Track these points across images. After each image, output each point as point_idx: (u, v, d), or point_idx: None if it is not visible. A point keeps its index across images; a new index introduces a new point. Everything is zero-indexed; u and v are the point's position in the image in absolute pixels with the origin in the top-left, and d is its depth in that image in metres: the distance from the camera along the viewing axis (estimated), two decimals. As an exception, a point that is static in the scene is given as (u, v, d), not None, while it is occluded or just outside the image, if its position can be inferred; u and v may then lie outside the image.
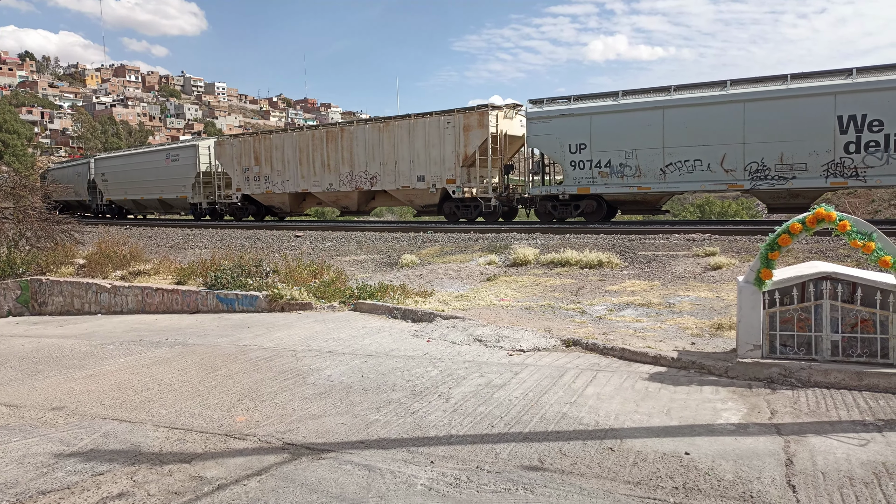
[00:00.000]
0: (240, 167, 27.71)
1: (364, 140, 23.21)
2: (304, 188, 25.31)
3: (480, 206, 20.77)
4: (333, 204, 25.52)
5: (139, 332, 9.15)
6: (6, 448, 4.49)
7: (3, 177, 20.78)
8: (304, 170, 25.21)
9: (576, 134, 18.46)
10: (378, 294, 9.78)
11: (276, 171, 26.26)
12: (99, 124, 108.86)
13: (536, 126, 19.20)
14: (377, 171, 23.02)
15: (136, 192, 34.47)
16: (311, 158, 24.91)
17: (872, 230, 4.94)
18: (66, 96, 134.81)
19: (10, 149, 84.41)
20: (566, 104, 18.90)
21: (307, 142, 25.04)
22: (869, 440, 3.96)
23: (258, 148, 26.91)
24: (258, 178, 27.09)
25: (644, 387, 5.22)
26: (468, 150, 20.69)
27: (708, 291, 9.41)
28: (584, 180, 18.47)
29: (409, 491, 3.53)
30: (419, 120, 21.83)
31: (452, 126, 20.95)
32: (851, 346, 5.10)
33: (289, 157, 25.74)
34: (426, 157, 21.65)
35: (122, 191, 35.46)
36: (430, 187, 21.68)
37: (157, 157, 32.97)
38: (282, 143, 26.02)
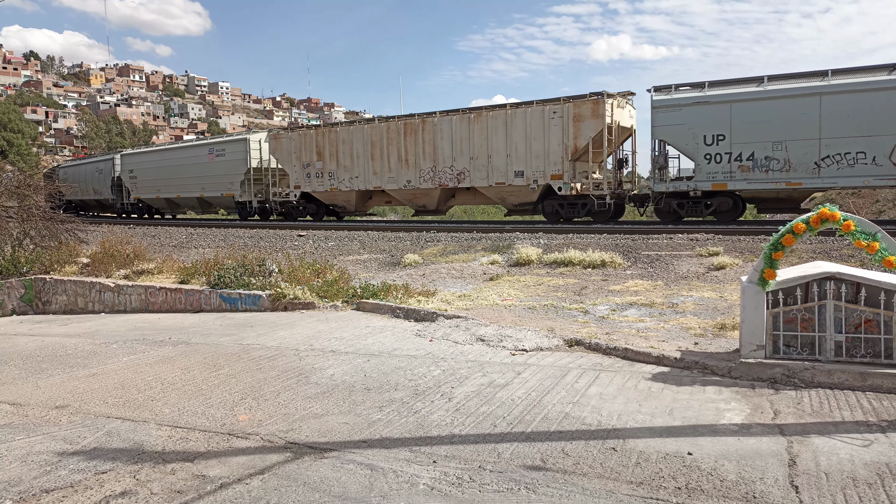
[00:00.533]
0: (299, 163, 25.40)
1: (450, 132, 21.14)
2: (377, 185, 23.21)
3: (591, 204, 18.98)
4: (409, 202, 23.51)
5: (142, 330, 9.17)
6: (10, 446, 4.51)
7: (7, 176, 20.84)
8: (376, 165, 23.08)
9: (712, 123, 16.69)
10: (381, 293, 9.79)
11: (343, 167, 24.06)
12: (103, 124, 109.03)
13: (664, 115, 17.32)
14: (465, 167, 20.96)
15: (170, 190, 32.19)
16: (386, 153, 22.76)
17: (877, 230, 4.92)
18: (70, 96, 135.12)
19: (15, 148, 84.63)
20: (699, 91, 17.22)
21: (381, 135, 22.89)
22: (872, 441, 3.95)
23: (321, 142, 24.68)
24: (321, 174, 24.81)
25: (647, 387, 5.22)
26: (578, 142, 18.80)
27: (711, 291, 9.39)
28: (720, 175, 16.72)
29: (412, 490, 3.53)
30: (518, 110, 19.89)
31: (560, 116, 18.98)
32: (855, 347, 5.08)
33: (358, 152, 23.55)
34: (526, 150, 19.67)
35: (153, 189, 33.25)
36: (531, 184, 19.72)
37: (199, 153, 30.58)
38: (350, 136, 23.83)
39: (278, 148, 26.41)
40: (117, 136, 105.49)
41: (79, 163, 44.27)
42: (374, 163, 23.22)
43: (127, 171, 34.92)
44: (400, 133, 22.47)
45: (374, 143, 23.15)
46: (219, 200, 30.42)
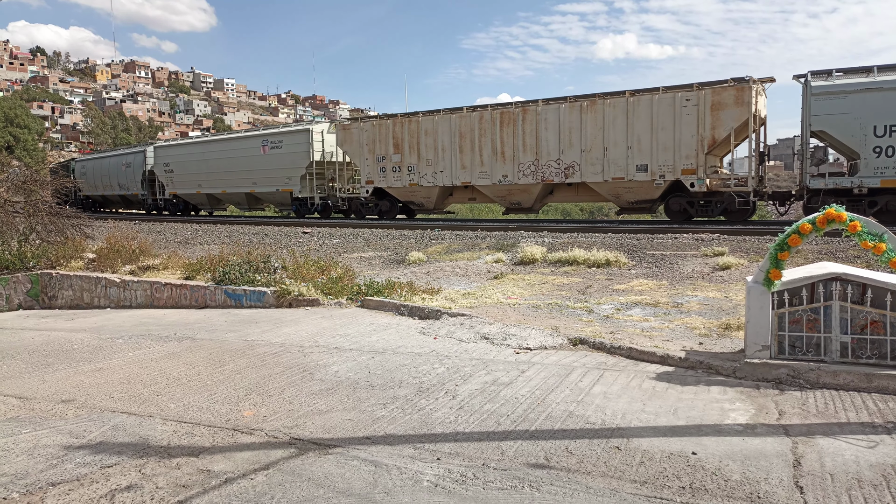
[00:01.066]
0: (372, 156, 23.16)
1: (557, 122, 19.06)
2: (465, 181, 21.04)
3: (729, 202, 17.08)
4: (500, 199, 21.22)
5: (148, 326, 9.20)
6: (17, 439, 4.53)
7: (14, 171, 20.91)
8: (465, 159, 20.90)
9: (886, 113, 14.87)
10: (385, 291, 9.80)
11: (426, 161, 21.82)
12: (109, 119, 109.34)
13: (824, 103, 15.44)
14: (575, 160, 18.90)
15: (214, 185, 29.61)
16: (477, 145, 20.59)
17: (883, 231, 4.91)
18: (76, 91, 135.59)
19: (21, 143, 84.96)
20: (866, 76, 15.40)
21: (471, 125, 20.68)
22: (878, 442, 3.94)
23: (400, 133, 22.38)
24: (398, 168, 22.54)
25: (651, 386, 5.21)
26: (717, 133, 16.82)
27: (716, 291, 9.37)
28: (890, 170, 14.95)
29: (416, 487, 3.54)
30: (642, 97, 17.86)
31: (694, 104, 17.04)
32: (861, 348, 5.07)
33: (444, 144, 21.32)
34: (652, 142, 17.69)
35: (193, 184, 30.59)
36: (656, 179, 17.78)
37: (250, 145, 27.83)
38: (434, 127, 21.50)
39: (347, 139, 24.05)
40: (123, 133, 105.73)
41: (99, 156, 40.89)
42: (463, 156, 21.02)
43: (162, 164, 32.25)
44: (495, 123, 20.22)
45: (462, 135, 20.95)
46: (273, 197, 27.71)
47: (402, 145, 22.51)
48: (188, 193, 31.43)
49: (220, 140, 30.96)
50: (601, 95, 18.67)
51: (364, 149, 23.52)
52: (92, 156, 43.21)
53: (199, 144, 31.41)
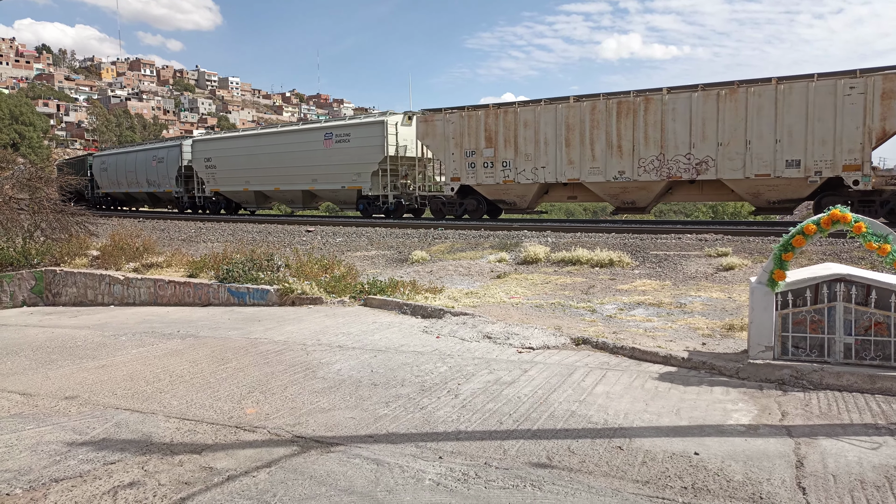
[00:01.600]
0: (459, 150, 20.98)
1: (687, 113, 17.24)
2: (572, 177, 19.09)
3: None
4: (612, 198, 19.28)
5: (151, 323, 9.22)
6: (20, 436, 4.55)
7: (19, 168, 20.98)
8: (572, 153, 18.95)
9: None
10: (388, 290, 9.80)
11: (525, 156, 19.79)
12: (114, 117, 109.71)
13: None
14: (709, 155, 17.02)
15: (265, 181, 27.30)
16: (588, 138, 18.65)
17: (888, 232, 4.89)
18: (81, 89, 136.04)
19: (27, 141, 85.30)
20: None
21: (580, 117, 18.73)
22: (881, 444, 3.93)
23: (493, 125, 20.24)
24: (490, 163, 20.40)
25: (654, 386, 5.21)
26: (889, 124, 14.96)
27: (720, 292, 9.35)
28: None
29: (418, 486, 3.54)
30: (795, 84, 16.03)
31: (860, 91, 15.15)
32: (865, 349, 5.05)
33: (547, 137, 19.32)
34: (806, 134, 15.89)
35: (240, 180, 28.27)
36: (810, 176, 16.03)
37: (311, 138, 25.47)
38: (535, 118, 19.48)
39: (430, 132, 21.77)
40: (128, 130, 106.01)
41: (123, 150, 38.05)
42: (570, 150, 18.98)
43: (202, 159, 29.79)
44: (611, 114, 18.31)
45: (570, 127, 18.92)
46: (335, 195, 25.43)
47: (495, 138, 20.30)
48: (233, 191, 29.04)
49: (275, 133, 28.03)
50: (742, 83, 16.89)
51: (450, 142, 21.22)
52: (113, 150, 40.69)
53: (249, 138, 28.72)
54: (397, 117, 23.30)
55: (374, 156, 23.14)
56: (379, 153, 22.97)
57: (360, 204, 24.42)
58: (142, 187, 34.17)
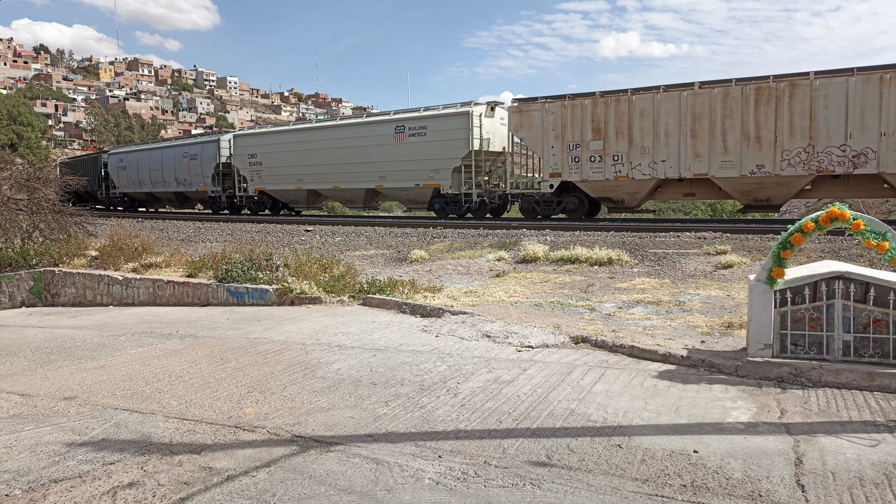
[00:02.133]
0: (560, 142, 19.15)
1: (843, 99, 15.53)
2: (699, 171, 17.35)
3: None
4: (743, 195, 17.58)
5: (150, 323, 9.22)
6: (19, 436, 4.55)
7: (17, 169, 20.95)
8: (700, 146, 17.22)
9: None
10: (387, 289, 9.80)
11: (641, 149, 18.04)
12: (112, 117, 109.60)
13: None
14: (868, 146, 15.33)
15: (322, 179, 25.07)
16: (719, 129, 16.93)
17: (887, 230, 4.89)
18: (79, 89, 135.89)
19: (25, 141, 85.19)
20: None
21: (710, 105, 17.08)
22: (880, 441, 3.93)
23: (603, 115, 18.49)
24: (597, 157, 18.65)
25: (653, 384, 5.21)
26: None
27: (718, 290, 9.35)
28: None
29: (417, 485, 3.54)
30: None
31: None
32: (863, 347, 5.06)
33: (668, 128, 17.60)
34: None
35: (290, 179, 25.97)
36: None
37: (379, 132, 23.15)
38: (655, 107, 17.78)
39: (525, 123, 19.79)
40: (126, 130, 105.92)
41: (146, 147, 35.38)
42: (697, 142, 17.28)
43: (245, 155, 27.56)
44: (748, 102, 16.63)
45: (696, 116, 17.22)
46: (407, 193, 23.14)
47: (605, 130, 18.51)
48: (282, 189, 26.66)
49: (335, 126, 25.34)
50: None
51: (549, 135, 19.25)
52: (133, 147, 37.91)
53: (303, 132, 26.18)
54: (481, 107, 21.14)
55: (456, 150, 21.02)
56: (462, 147, 20.88)
57: (435, 203, 22.40)
58: (169, 187, 31.72)
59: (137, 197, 35.29)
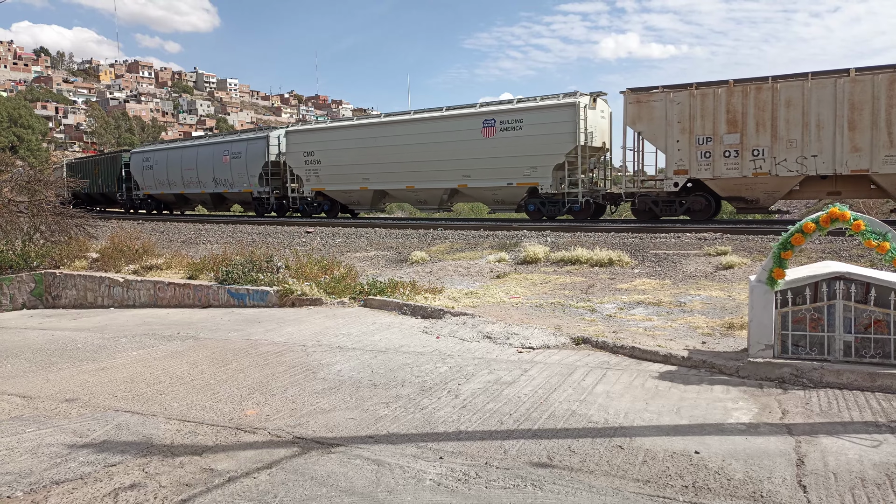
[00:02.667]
0: (687, 136, 17.29)
1: None
2: (859, 167, 15.44)
3: None
4: None
5: (151, 325, 9.22)
6: (21, 438, 4.55)
7: (18, 171, 20.96)
8: (859, 138, 15.33)
9: None
10: (388, 290, 9.80)
11: (786, 143, 16.18)
12: (112, 120, 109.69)
13: None
14: None
15: (391, 179, 22.66)
16: (885, 120, 15.17)
17: (887, 230, 4.89)
18: (80, 92, 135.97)
19: (25, 143, 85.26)
20: None
21: (874, 92, 15.17)
22: (882, 441, 3.93)
23: (739, 105, 16.66)
24: (732, 152, 16.84)
25: (654, 385, 5.21)
26: None
27: (719, 291, 9.35)
28: None
29: (418, 486, 3.54)
30: None
31: None
32: (864, 347, 5.06)
33: (820, 119, 15.72)
34: None
35: (355, 178, 23.46)
36: None
37: (463, 126, 20.66)
38: (804, 96, 15.91)
39: (644, 115, 17.90)
40: (126, 133, 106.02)
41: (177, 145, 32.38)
42: (856, 135, 15.41)
43: (300, 153, 25.11)
44: None
45: (856, 106, 15.33)
46: (496, 193, 20.89)
47: (742, 121, 16.67)
48: (343, 190, 24.23)
49: (411, 121, 22.47)
50: None
51: (673, 127, 17.44)
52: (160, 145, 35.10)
53: (372, 127, 23.45)
54: (585, 98, 19.02)
55: (559, 145, 18.87)
56: (567, 142, 18.74)
57: (529, 204, 20.21)
58: (205, 187, 28.99)
59: (164, 199, 32.64)
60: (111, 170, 35.21)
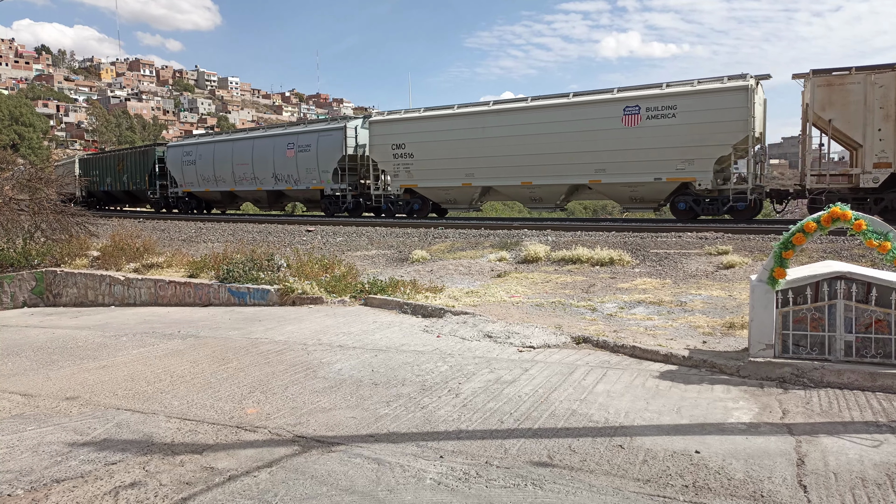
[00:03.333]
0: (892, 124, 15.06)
1: None
2: None
3: None
4: None
5: (152, 324, 9.22)
6: (22, 436, 4.55)
7: (19, 169, 20.97)
8: None
9: None
10: (388, 289, 9.80)
11: None
12: (113, 118, 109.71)
13: None
14: None
15: (498, 175, 20.13)
16: None
17: (889, 230, 4.89)
18: (81, 90, 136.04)
19: (26, 142, 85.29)
20: None
21: None
22: (882, 441, 3.93)
23: None
24: None
25: (654, 385, 5.20)
26: None
27: (720, 290, 9.35)
28: None
29: (419, 485, 3.54)
30: None
31: None
32: (865, 347, 5.05)
33: None
34: None
35: (455, 173, 20.93)
36: None
37: (595, 114, 18.41)
38: None
39: (836, 99, 15.47)
40: (127, 131, 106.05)
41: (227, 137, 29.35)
42: None
43: (386, 146, 22.33)
44: None
45: None
46: (636, 190, 18.35)
47: None
48: (443, 187, 21.42)
49: (527, 109, 19.55)
50: None
51: (874, 114, 15.16)
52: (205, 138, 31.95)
53: (478, 116, 20.49)
54: (752, 81, 16.82)
55: (725, 135, 16.70)
56: (736, 131, 16.53)
57: (679, 202, 17.86)
58: (262, 184, 26.20)
59: (208, 197, 29.82)
60: (140, 165, 32.28)
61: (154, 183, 31.87)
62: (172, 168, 30.75)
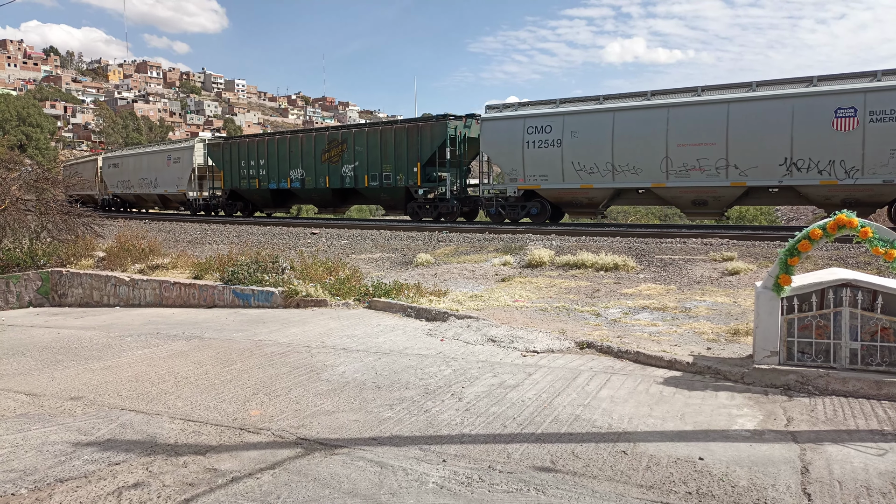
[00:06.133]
0: None
1: None
2: None
3: None
4: None
5: (156, 324, 9.25)
6: (26, 436, 4.57)
7: (26, 170, 21.07)
8: None
9: None
10: (392, 292, 9.81)
11: None
12: (120, 119, 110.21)
13: None
14: None
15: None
16: None
17: (895, 237, 4.87)
18: (88, 91, 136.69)
19: (34, 142, 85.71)
20: None
21: None
22: (887, 450, 3.91)
23: None
24: None
25: (658, 391, 5.19)
26: None
27: (725, 296, 9.32)
28: None
29: (421, 489, 3.54)
30: None
31: None
32: (871, 355, 5.03)
33: None
34: None
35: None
36: None
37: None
38: None
39: None
40: (134, 132, 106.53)
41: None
42: None
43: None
44: None
45: None
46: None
47: None
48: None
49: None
50: None
51: None
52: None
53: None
54: None
55: None
56: None
57: None
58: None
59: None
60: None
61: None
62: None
